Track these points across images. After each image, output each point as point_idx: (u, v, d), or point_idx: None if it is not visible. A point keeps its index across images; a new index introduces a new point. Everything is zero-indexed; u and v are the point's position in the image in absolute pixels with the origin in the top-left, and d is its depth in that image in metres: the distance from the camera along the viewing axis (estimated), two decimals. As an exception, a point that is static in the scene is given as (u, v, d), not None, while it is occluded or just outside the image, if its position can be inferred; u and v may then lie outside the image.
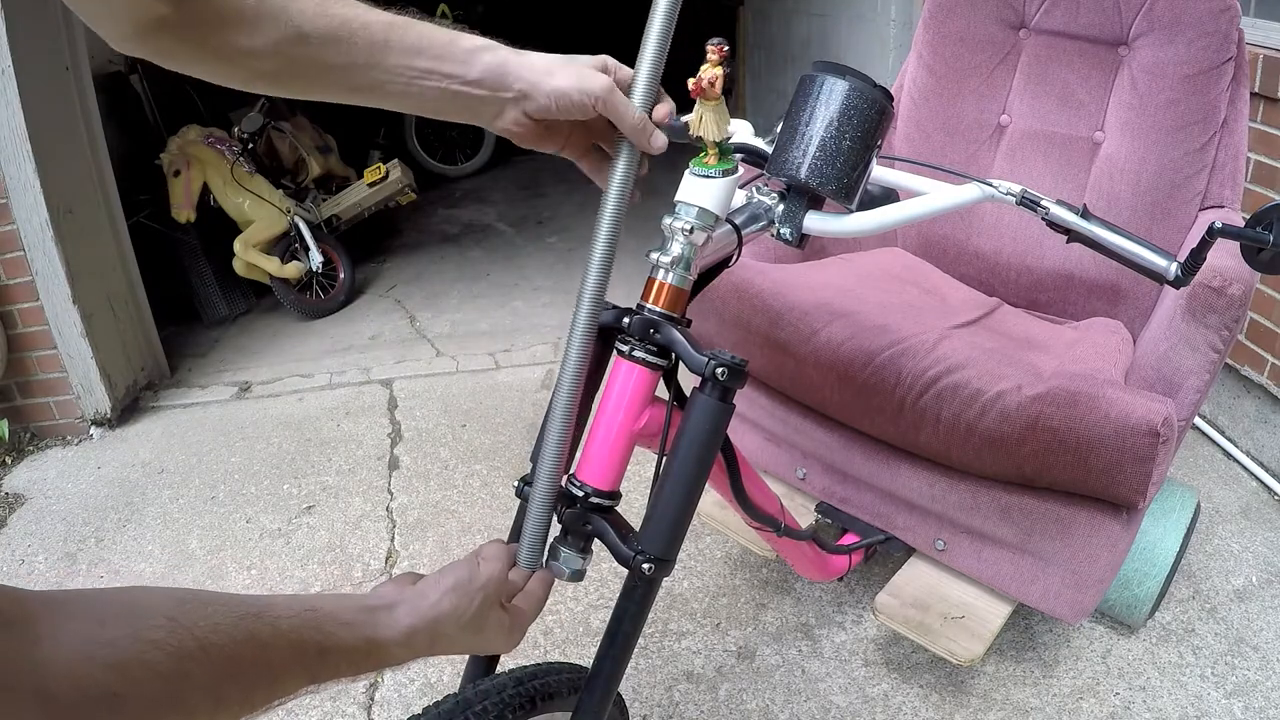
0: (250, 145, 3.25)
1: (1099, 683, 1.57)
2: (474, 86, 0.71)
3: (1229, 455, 2.18)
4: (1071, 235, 0.92)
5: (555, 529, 0.86)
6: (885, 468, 1.48)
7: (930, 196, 0.96)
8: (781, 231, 0.95)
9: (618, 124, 0.74)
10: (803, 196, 0.94)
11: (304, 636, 0.59)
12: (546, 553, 0.85)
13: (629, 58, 0.78)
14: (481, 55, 0.71)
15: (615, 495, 0.86)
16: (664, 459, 0.83)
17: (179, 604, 0.52)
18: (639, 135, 0.74)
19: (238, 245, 3.15)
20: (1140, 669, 1.59)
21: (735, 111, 1.07)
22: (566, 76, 0.71)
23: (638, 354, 0.84)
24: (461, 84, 0.70)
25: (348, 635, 0.63)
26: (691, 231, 0.80)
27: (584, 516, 0.84)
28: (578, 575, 0.85)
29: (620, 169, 0.76)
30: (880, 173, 1.03)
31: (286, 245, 3.27)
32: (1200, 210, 1.65)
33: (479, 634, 0.74)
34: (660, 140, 0.75)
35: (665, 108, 0.76)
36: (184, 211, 3.07)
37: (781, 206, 0.95)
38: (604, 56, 0.76)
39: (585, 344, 0.79)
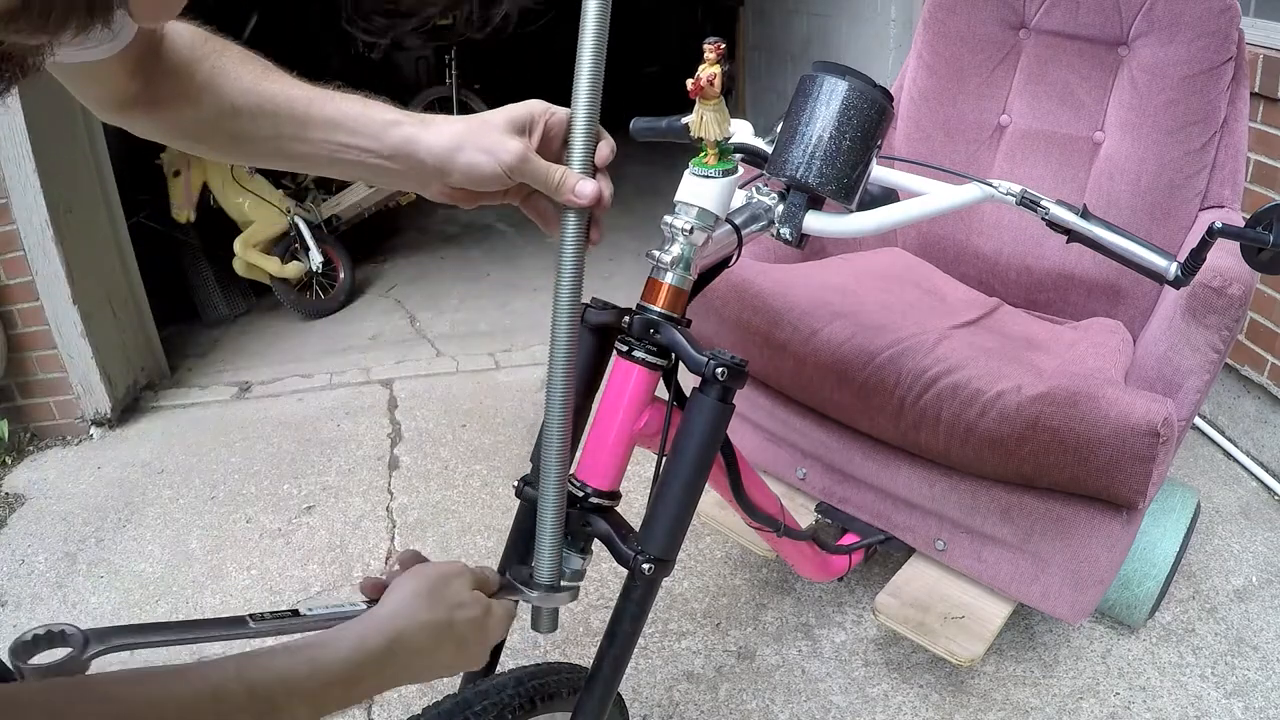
0: (250, 145, 3.24)
1: (1099, 683, 1.57)
2: (389, 161, 0.71)
3: (1229, 455, 2.18)
4: (1071, 235, 0.92)
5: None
6: (885, 468, 1.48)
7: (930, 196, 0.96)
8: (781, 231, 0.95)
9: (539, 188, 0.71)
10: (803, 196, 0.94)
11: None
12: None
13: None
14: (391, 131, 0.70)
15: (615, 495, 0.86)
16: (664, 459, 0.83)
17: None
18: (560, 193, 0.70)
19: (238, 245, 3.15)
20: (1140, 669, 1.59)
21: (735, 111, 1.07)
22: (477, 149, 0.69)
23: (638, 354, 0.84)
24: (378, 158, 0.71)
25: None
26: (691, 231, 0.80)
27: (584, 517, 0.84)
28: (577, 575, 0.85)
29: (570, 227, 0.72)
30: (880, 173, 1.03)
31: (286, 245, 3.26)
32: (1200, 210, 1.65)
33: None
34: (587, 188, 0.70)
35: (607, 148, 0.72)
36: (184, 211, 3.07)
37: (781, 206, 0.95)
38: (530, 106, 0.72)
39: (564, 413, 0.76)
